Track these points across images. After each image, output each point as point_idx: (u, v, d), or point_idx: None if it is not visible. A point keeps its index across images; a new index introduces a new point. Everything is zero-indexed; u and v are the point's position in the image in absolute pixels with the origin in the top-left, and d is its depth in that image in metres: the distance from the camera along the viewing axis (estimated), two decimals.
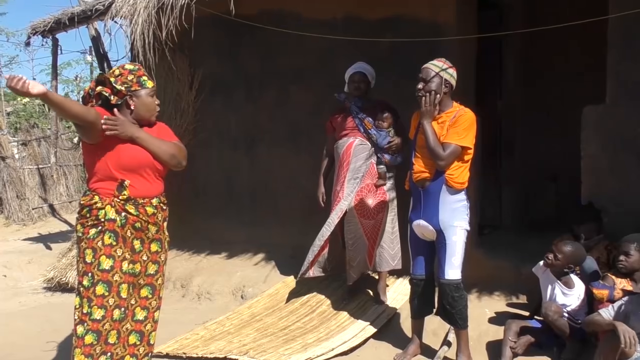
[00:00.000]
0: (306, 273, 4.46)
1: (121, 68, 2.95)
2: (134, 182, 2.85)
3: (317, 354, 3.71)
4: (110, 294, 2.77)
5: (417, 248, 3.61)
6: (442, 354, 3.68)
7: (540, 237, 4.48)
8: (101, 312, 2.75)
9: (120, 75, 2.90)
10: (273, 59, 5.51)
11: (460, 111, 3.39)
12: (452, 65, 3.44)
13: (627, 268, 3.39)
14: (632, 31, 3.84)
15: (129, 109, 2.90)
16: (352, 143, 4.32)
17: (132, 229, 2.85)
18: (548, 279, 3.66)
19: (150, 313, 2.96)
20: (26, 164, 10.47)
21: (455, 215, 3.39)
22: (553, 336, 3.58)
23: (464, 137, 3.33)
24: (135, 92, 2.89)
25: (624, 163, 3.90)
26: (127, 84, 2.88)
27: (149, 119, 2.97)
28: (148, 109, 2.94)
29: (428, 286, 3.62)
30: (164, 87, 5.95)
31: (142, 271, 2.90)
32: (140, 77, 2.93)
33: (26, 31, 6.76)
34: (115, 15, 5.28)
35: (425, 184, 3.43)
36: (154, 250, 2.95)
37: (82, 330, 2.74)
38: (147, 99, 2.93)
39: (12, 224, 9.82)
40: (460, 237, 3.40)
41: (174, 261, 5.73)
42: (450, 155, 3.31)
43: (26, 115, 15.88)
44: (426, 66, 3.41)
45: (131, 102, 2.89)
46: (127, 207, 2.82)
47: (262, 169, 5.64)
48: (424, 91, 3.36)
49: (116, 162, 2.81)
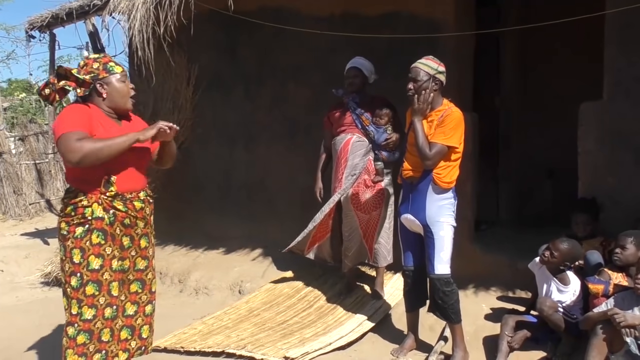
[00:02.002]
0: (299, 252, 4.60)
1: (85, 59, 2.87)
2: (120, 177, 2.75)
3: (314, 349, 3.73)
4: (101, 293, 2.71)
5: (406, 240, 3.66)
6: (439, 349, 3.70)
7: (536, 232, 4.50)
8: (92, 312, 2.70)
9: (85, 66, 2.79)
10: (271, 55, 5.52)
11: (448, 110, 3.40)
12: (440, 62, 3.46)
13: (622, 261, 3.42)
14: (629, 27, 3.85)
15: (100, 96, 2.79)
16: (350, 140, 4.33)
17: (121, 225, 2.77)
18: (544, 276, 3.68)
19: (141, 307, 2.91)
20: (23, 160, 10.46)
21: (442, 211, 3.43)
22: (549, 331, 3.61)
23: (450, 136, 3.35)
24: (104, 80, 2.78)
25: (620, 159, 3.91)
26: (94, 72, 2.77)
27: (124, 105, 2.87)
28: (121, 94, 2.83)
29: (419, 277, 3.64)
30: (162, 82, 5.96)
31: (130, 267, 2.84)
32: (107, 63, 2.82)
33: (23, 26, 6.76)
34: (113, 11, 5.27)
35: (413, 182, 3.48)
36: (143, 246, 2.90)
37: (74, 331, 2.68)
38: (118, 85, 2.82)
39: (9, 219, 9.83)
40: (447, 233, 3.44)
41: (172, 256, 5.75)
42: (436, 155, 3.35)
43: (23, 110, 15.85)
44: (415, 65, 3.44)
45: (102, 90, 2.78)
46: (114, 204, 2.73)
47: (259, 165, 5.65)
48: (414, 91, 3.39)
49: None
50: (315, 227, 4.42)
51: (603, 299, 3.36)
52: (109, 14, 5.40)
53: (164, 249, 5.90)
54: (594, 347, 3.12)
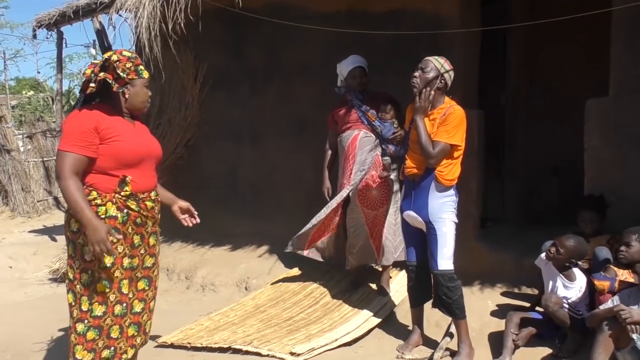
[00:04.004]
0: (300, 251, 4.59)
1: (119, 54, 2.79)
2: (134, 177, 2.75)
3: (320, 344, 3.75)
4: (112, 290, 2.72)
5: (409, 236, 3.70)
6: (445, 345, 3.71)
7: (542, 229, 4.49)
8: (102, 309, 2.71)
9: (118, 61, 2.74)
10: (278, 53, 5.53)
11: (450, 109, 3.43)
12: (452, 65, 3.50)
13: (627, 258, 3.41)
14: (635, 23, 3.84)
15: (123, 96, 2.78)
16: (357, 135, 4.34)
17: (134, 225, 2.78)
18: (550, 272, 3.69)
19: (147, 304, 2.93)
20: (31, 157, 10.53)
21: (444, 208, 3.46)
22: (554, 328, 3.61)
23: (453, 135, 3.38)
24: (133, 81, 2.78)
25: (626, 155, 3.90)
26: (125, 71, 2.76)
27: (141, 110, 2.88)
28: (142, 99, 2.84)
29: (423, 272, 3.66)
30: (169, 80, 5.97)
31: (139, 264, 2.85)
32: (138, 65, 2.82)
33: (31, 24, 6.80)
34: (120, 9, 5.30)
35: (415, 179, 3.50)
36: (152, 244, 2.91)
37: (83, 327, 2.69)
38: (142, 90, 2.82)
39: (17, 216, 9.89)
40: (450, 229, 3.46)
41: (179, 253, 5.78)
42: (440, 154, 3.37)
43: (31, 108, 15.93)
44: (428, 58, 3.48)
45: (127, 90, 2.78)
46: (128, 203, 2.73)
47: (266, 162, 5.66)
48: (419, 79, 3.42)
49: (115, 159, 2.71)
50: (319, 222, 4.41)
51: (609, 295, 3.37)
52: (116, 11, 5.43)
53: (171, 246, 5.92)
54: (600, 344, 3.13)
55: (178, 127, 6.05)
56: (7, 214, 9.99)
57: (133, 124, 2.87)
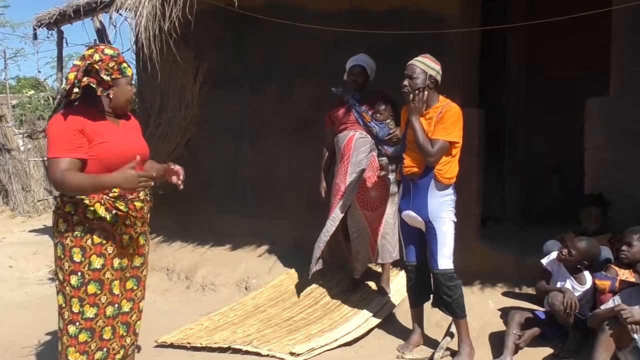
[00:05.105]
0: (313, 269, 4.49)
1: (100, 52, 2.66)
2: None
3: (320, 344, 3.74)
4: (103, 291, 2.69)
5: (407, 235, 3.69)
6: (445, 345, 3.70)
7: (543, 228, 4.49)
8: (94, 311, 2.67)
9: (101, 61, 2.63)
10: (277, 52, 5.52)
11: (446, 106, 3.43)
12: (436, 61, 3.49)
13: (629, 258, 3.41)
14: (636, 22, 3.83)
15: (107, 97, 2.70)
16: (353, 137, 4.32)
17: (122, 225, 2.74)
18: (560, 273, 3.67)
19: (136, 304, 2.90)
20: (31, 156, 10.53)
21: (443, 207, 3.46)
22: (557, 327, 3.60)
23: (450, 132, 3.38)
24: (116, 81, 2.69)
25: (627, 154, 3.90)
26: (109, 71, 2.66)
27: (125, 109, 2.81)
28: (126, 97, 2.76)
29: (422, 272, 3.65)
30: (169, 79, 5.97)
31: (128, 264, 2.82)
32: (121, 64, 2.72)
33: (31, 23, 6.80)
34: (120, 8, 5.29)
35: (414, 178, 3.50)
36: (141, 244, 2.88)
37: (75, 329, 2.66)
38: (126, 88, 2.72)
39: (17, 215, 9.90)
40: (449, 228, 3.46)
41: (179, 252, 5.77)
42: (439, 152, 3.38)
43: (32, 107, 15.90)
44: (411, 63, 3.47)
45: (111, 91, 2.69)
46: (117, 205, 2.68)
47: (266, 162, 5.65)
48: (410, 87, 3.43)
49: (100, 162, 2.64)
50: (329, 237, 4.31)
51: (610, 295, 3.36)
52: (116, 10, 5.42)
53: (171, 245, 5.92)
54: (601, 344, 3.12)
55: (178, 127, 6.04)
56: (7, 214, 10.00)
57: (117, 124, 2.79)
